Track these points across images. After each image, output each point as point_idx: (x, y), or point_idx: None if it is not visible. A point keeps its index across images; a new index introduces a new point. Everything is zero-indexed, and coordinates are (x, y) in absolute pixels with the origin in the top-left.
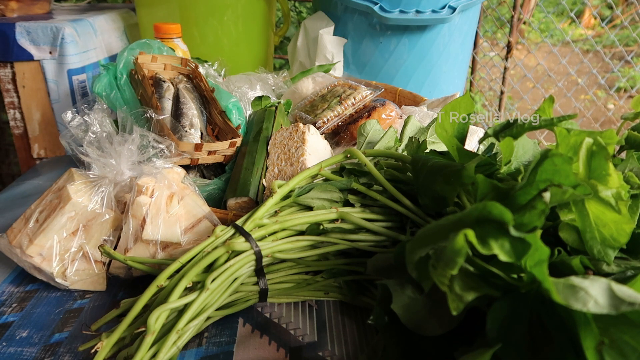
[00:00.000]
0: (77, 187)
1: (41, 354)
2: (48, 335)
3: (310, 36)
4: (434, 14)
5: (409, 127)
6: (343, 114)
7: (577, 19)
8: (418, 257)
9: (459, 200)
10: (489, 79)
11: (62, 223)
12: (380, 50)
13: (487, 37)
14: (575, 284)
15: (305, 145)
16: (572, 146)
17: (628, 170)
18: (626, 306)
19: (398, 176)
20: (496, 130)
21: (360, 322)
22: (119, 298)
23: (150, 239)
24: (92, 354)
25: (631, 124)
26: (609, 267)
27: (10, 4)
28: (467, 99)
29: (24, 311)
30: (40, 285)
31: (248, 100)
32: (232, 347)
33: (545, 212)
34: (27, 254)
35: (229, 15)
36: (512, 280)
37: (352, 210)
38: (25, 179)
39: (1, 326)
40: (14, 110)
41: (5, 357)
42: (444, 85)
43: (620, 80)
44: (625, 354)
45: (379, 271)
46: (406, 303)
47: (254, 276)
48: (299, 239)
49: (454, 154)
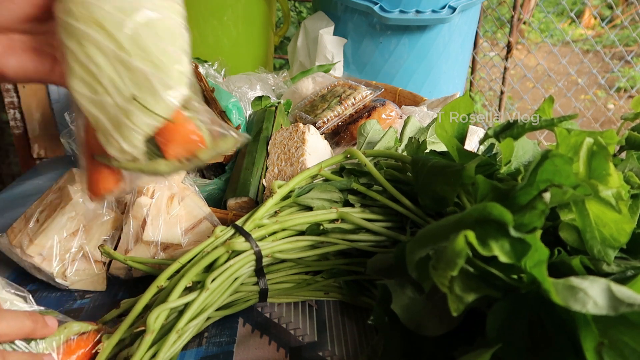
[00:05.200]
0: (77, 187)
1: None
2: None
3: (310, 36)
4: (434, 14)
5: (409, 127)
6: (343, 114)
7: (577, 19)
8: (418, 257)
9: (459, 200)
10: (489, 79)
11: (62, 223)
12: (380, 50)
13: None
14: (574, 284)
15: (305, 145)
16: (572, 146)
17: (628, 170)
18: (625, 307)
19: (398, 176)
20: (496, 130)
21: (360, 322)
22: (119, 298)
23: (150, 240)
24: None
25: (631, 124)
26: (609, 267)
27: None
28: (467, 99)
29: None
30: (41, 285)
31: (248, 100)
32: (232, 347)
33: (546, 212)
34: (28, 253)
35: (229, 15)
36: (512, 281)
37: (352, 210)
38: (25, 179)
39: None
40: (14, 110)
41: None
42: (444, 85)
43: (620, 80)
44: (625, 354)
45: (379, 271)
46: (406, 303)
47: (254, 276)
48: (299, 239)
49: (454, 154)
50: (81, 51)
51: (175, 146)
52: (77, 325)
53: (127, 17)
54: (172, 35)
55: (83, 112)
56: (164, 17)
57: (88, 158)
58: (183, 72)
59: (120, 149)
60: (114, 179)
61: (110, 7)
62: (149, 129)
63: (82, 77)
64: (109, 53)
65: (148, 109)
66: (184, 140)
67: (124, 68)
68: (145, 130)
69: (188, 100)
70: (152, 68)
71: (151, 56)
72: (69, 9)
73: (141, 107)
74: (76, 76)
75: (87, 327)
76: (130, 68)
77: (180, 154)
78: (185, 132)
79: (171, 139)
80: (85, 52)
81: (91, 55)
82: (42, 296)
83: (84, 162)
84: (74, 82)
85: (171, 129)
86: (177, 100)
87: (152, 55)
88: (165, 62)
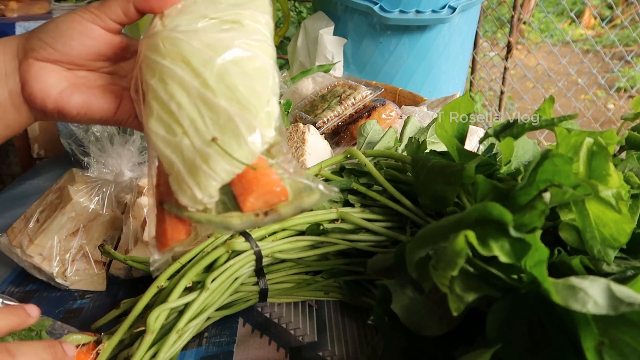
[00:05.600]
0: (77, 187)
1: None
2: None
3: (310, 36)
4: (434, 14)
5: (409, 127)
6: (343, 114)
7: (577, 19)
8: (418, 257)
9: (459, 200)
10: (489, 79)
11: (62, 223)
12: (380, 50)
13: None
14: (574, 284)
15: (305, 145)
16: (572, 146)
17: (628, 170)
18: (625, 307)
19: (398, 176)
20: (496, 130)
21: (360, 322)
22: (119, 298)
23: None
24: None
25: (631, 124)
26: (609, 266)
27: (10, 4)
28: (467, 99)
29: None
30: (41, 285)
31: None
32: (232, 347)
33: (546, 212)
34: (28, 253)
35: None
36: (512, 281)
37: (352, 210)
38: (25, 179)
39: None
40: None
41: None
42: (444, 85)
43: (620, 80)
44: (625, 354)
45: (379, 271)
46: (406, 303)
47: (254, 276)
48: (299, 239)
49: (454, 154)
50: (163, 89)
51: (253, 197)
52: (78, 336)
53: (216, 54)
54: (261, 75)
55: (157, 154)
56: (255, 56)
57: (157, 206)
58: (271, 115)
59: (193, 197)
60: (184, 230)
61: (200, 44)
62: (226, 176)
63: (161, 117)
64: (192, 91)
65: (228, 154)
66: (264, 191)
67: (207, 108)
68: (223, 177)
69: (273, 146)
70: (238, 108)
71: (238, 96)
72: (155, 45)
73: (221, 151)
74: (154, 116)
75: (87, 338)
76: (213, 108)
77: (258, 207)
78: (266, 182)
79: (250, 189)
80: (167, 90)
81: (173, 94)
82: (42, 296)
83: (152, 209)
84: (151, 122)
85: (251, 177)
86: (262, 146)
87: (239, 94)
88: (253, 103)
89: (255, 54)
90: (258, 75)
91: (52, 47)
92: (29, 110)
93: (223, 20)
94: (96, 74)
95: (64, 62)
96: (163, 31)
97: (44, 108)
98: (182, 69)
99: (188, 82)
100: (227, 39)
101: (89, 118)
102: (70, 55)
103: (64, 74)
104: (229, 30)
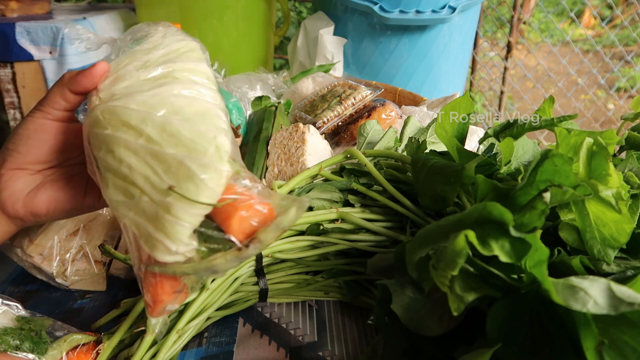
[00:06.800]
0: None
1: None
2: None
3: (310, 36)
4: (434, 14)
5: (409, 127)
6: (343, 114)
7: (577, 19)
8: (418, 257)
9: (459, 200)
10: (489, 79)
11: (62, 223)
12: (380, 50)
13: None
14: (574, 284)
15: (305, 145)
16: (572, 146)
17: (628, 170)
18: (625, 306)
19: (398, 176)
20: (496, 130)
21: (360, 322)
22: (119, 298)
23: None
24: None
25: (631, 124)
26: (609, 266)
27: (10, 4)
28: (467, 99)
29: None
30: (41, 285)
31: (248, 100)
32: (232, 347)
33: (546, 212)
34: (28, 253)
35: (229, 15)
36: (513, 280)
37: (352, 210)
38: None
39: None
40: (14, 110)
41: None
42: (444, 85)
43: (620, 80)
44: (625, 354)
45: (379, 271)
46: (406, 303)
47: (254, 276)
48: (299, 239)
49: (454, 154)
50: (112, 157)
51: (232, 232)
52: (78, 336)
53: (154, 110)
54: (204, 116)
55: (123, 220)
56: (192, 101)
57: (144, 274)
58: (221, 149)
59: (167, 250)
60: (173, 286)
61: (136, 105)
62: (194, 219)
63: (116, 184)
64: (139, 150)
65: (185, 197)
66: (239, 223)
67: (156, 161)
68: (190, 221)
69: (235, 178)
70: (186, 151)
71: (183, 140)
72: (95, 119)
73: (181, 198)
74: (110, 185)
75: (87, 338)
76: (162, 158)
77: (240, 239)
78: (237, 215)
79: (226, 226)
80: (115, 157)
81: (122, 158)
82: (42, 296)
83: (140, 281)
84: (109, 191)
85: (222, 213)
86: (220, 180)
87: (184, 138)
88: (199, 142)
89: (193, 99)
90: (200, 117)
91: (17, 152)
92: (8, 218)
93: (155, 78)
94: (65, 167)
95: (32, 164)
96: (100, 105)
97: (16, 213)
98: (124, 132)
99: (132, 142)
100: (162, 93)
101: (61, 211)
102: (35, 155)
103: (31, 178)
104: (164, 85)
